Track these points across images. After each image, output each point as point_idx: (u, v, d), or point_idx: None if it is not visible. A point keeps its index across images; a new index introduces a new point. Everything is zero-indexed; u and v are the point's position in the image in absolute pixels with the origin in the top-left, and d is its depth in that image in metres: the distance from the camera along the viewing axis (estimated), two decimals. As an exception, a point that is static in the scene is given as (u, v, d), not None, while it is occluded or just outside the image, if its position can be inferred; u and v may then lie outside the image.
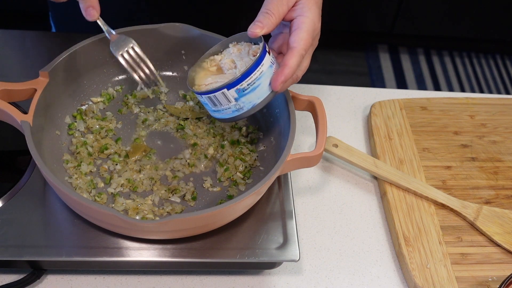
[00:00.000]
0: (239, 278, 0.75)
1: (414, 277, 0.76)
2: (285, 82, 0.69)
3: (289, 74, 0.68)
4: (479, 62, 2.61)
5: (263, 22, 0.69)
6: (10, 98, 0.73)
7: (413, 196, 0.85)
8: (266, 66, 0.69)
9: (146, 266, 0.73)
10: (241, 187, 0.78)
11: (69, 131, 0.81)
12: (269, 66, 0.69)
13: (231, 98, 0.69)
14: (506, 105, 1.00)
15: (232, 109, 0.70)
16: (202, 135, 0.83)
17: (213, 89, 0.69)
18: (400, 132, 0.93)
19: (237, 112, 0.71)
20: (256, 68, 0.68)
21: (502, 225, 0.83)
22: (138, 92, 0.87)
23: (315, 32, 0.71)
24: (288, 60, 0.68)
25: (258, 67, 0.68)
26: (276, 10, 0.69)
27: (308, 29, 0.69)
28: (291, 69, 0.68)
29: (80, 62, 0.81)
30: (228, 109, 0.71)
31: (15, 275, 0.72)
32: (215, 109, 0.72)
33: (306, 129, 0.94)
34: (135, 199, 0.75)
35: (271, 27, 0.69)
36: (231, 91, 0.68)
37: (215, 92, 0.69)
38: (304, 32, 0.69)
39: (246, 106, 0.70)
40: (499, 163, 0.92)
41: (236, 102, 0.69)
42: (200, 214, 0.65)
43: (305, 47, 0.69)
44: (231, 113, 0.71)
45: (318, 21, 0.72)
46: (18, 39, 0.98)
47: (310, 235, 0.82)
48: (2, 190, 0.74)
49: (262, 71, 0.68)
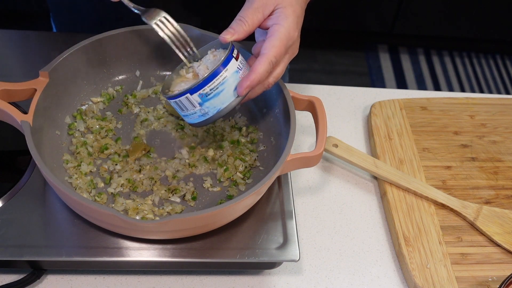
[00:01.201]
0: (239, 278, 0.76)
1: (414, 277, 0.76)
2: (251, 87, 0.69)
3: (255, 80, 0.68)
4: (479, 62, 2.61)
5: (235, 29, 0.69)
6: (10, 98, 0.73)
7: (413, 196, 0.85)
8: (231, 72, 0.69)
9: (146, 266, 0.73)
10: (241, 187, 0.78)
11: (69, 131, 0.81)
12: (235, 71, 0.69)
13: (195, 103, 0.70)
14: (506, 105, 1.00)
15: (198, 113, 0.71)
16: (201, 135, 0.83)
17: (177, 94, 0.70)
18: (400, 132, 0.93)
19: (203, 117, 0.72)
20: (219, 74, 0.68)
21: (502, 225, 0.83)
22: (138, 92, 0.87)
23: (290, 40, 0.70)
24: (256, 66, 0.68)
25: (220, 72, 0.68)
26: (250, 18, 0.69)
27: (281, 37, 0.69)
28: (257, 74, 0.68)
29: (80, 62, 0.81)
30: (194, 113, 0.71)
31: (15, 275, 0.72)
32: (184, 113, 0.73)
33: (306, 129, 0.94)
34: (135, 199, 0.75)
35: (241, 34, 0.69)
36: (194, 96, 0.69)
37: (179, 97, 0.70)
38: (276, 40, 0.69)
39: (211, 111, 0.71)
40: (499, 163, 0.92)
41: (201, 107, 0.70)
42: (200, 214, 0.65)
43: (276, 55, 0.69)
44: (198, 118, 0.72)
45: (294, 30, 0.71)
46: (18, 39, 0.98)
47: (310, 235, 0.82)
48: (2, 190, 0.74)
49: (225, 77, 0.69)
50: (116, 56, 0.85)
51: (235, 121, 0.86)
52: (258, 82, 0.69)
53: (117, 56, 0.85)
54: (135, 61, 0.87)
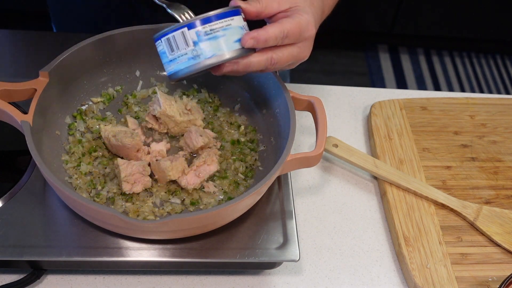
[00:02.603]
0: (239, 278, 0.76)
1: (414, 277, 0.76)
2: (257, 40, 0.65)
3: (262, 36, 0.65)
4: (479, 62, 2.61)
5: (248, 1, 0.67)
6: (10, 98, 0.73)
7: (413, 196, 0.85)
8: (236, 24, 0.66)
9: (146, 266, 0.73)
10: (241, 187, 0.78)
11: (69, 131, 0.81)
12: (240, 27, 0.66)
13: (189, 40, 0.65)
14: (506, 105, 1.00)
15: (188, 55, 0.65)
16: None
17: (172, 28, 0.65)
18: (400, 132, 0.93)
19: (193, 61, 0.65)
20: (224, 18, 0.65)
21: (502, 225, 0.83)
22: (138, 92, 0.87)
23: (306, 32, 0.69)
24: (268, 27, 0.66)
25: (226, 17, 0.65)
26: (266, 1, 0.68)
27: (299, 21, 0.67)
28: (267, 32, 0.65)
29: (80, 62, 0.81)
30: (183, 55, 0.65)
31: (15, 275, 0.72)
32: (171, 57, 0.67)
33: (306, 129, 0.94)
34: (134, 202, 0.75)
35: (252, 8, 0.67)
36: (191, 31, 0.64)
37: (174, 31, 0.65)
38: (294, 19, 0.67)
39: (203, 54, 0.65)
40: (499, 163, 0.92)
41: (194, 46, 0.65)
42: (200, 214, 0.65)
43: (290, 29, 0.66)
44: (186, 61, 0.66)
45: (312, 27, 0.69)
46: (18, 39, 0.98)
47: (310, 235, 0.82)
48: (2, 190, 0.74)
49: (229, 24, 0.65)
50: (116, 56, 0.85)
51: (234, 119, 0.86)
52: (265, 41, 0.66)
53: (117, 56, 0.85)
54: (135, 61, 0.87)
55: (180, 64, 0.66)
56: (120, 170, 0.73)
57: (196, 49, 0.65)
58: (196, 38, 0.64)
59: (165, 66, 0.68)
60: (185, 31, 0.65)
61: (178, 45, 0.65)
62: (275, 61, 0.68)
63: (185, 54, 0.65)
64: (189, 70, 0.66)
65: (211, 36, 0.65)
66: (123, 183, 0.73)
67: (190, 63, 0.66)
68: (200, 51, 0.65)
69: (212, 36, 0.65)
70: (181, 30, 0.65)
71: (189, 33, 0.65)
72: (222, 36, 0.65)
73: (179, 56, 0.66)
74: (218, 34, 0.65)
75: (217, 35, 0.65)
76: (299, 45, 0.70)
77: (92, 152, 0.79)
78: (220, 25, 0.65)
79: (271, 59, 0.68)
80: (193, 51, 0.65)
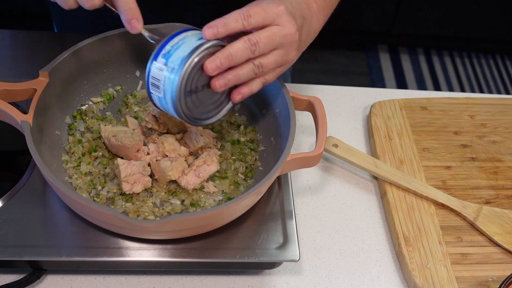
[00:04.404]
0: (239, 278, 0.76)
1: (414, 277, 0.76)
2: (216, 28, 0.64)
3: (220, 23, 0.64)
4: (479, 62, 2.61)
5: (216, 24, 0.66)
6: (10, 98, 0.73)
7: (413, 196, 0.85)
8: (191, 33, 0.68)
9: (146, 266, 0.73)
10: (241, 187, 0.78)
11: (69, 131, 0.81)
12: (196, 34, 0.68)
13: (162, 66, 0.66)
14: (506, 105, 1.00)
15: (168, 76, 0.66)
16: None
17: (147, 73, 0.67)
18: (400, 132, 0.93)
19: (173, 74, 0.66)
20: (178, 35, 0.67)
21: (502, 225, 0.83)
22: (138, 92, 0.87)
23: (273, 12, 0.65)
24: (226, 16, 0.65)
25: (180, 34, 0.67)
26: None
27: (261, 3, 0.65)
28: (224, 17, 0.64)
29: (80, 62, 0.81)
30: (166, 79, 0.66)
31: (15, 275, 0.72)
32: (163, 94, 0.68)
33: (306, 129, 0.94)
34: (134, 203, 0.75)
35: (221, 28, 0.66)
36: (159, 59, 0.67)
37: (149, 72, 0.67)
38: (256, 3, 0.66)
39: (176, 63, 0.66)
40: (499, 163, 0.92)
41: (167, 66, 0.66)
42: (200, 214, 0.65)
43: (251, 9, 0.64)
44: (171, 83, 0.66)
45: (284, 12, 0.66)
46: (19, 39, 0.98)
47: (310, 235, 0.82)
48: (2, 190, 0.74)
49: (186, 35, 0.67)
50: (116, 56, 0.85)
51: (234, 119, 0.86)
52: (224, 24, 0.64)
53: (117, 56, 0.85)
54: (135, 61, 0.87)
55: (167, 91, 0.67)
56: (120, 170, 0.73)
57: (169, 66, 0.66)
58: (165, 60, 0.66)
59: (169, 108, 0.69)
60: (155, 64, 0.67)
61: (158, 77, 0.67)
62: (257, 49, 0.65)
63: (165, 78, 0.67)
64: (177, 86, 0.66)
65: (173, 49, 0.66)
66: (123, 183, 0.73)
67: (174, 80, 0.66)
68: (172, 64, 0.66)
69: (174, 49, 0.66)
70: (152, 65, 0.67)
71: (158, 62, 0.67)
72: (183, 44, 0.67)
73: (164, 85, 0.67)
74: (178, 45, 0.67)
75: (178, 46, 0.67)
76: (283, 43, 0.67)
77: (92, 152, 0.79)
78: (177, 39, 0.67)
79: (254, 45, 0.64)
80: (168, 69, 0.66)
